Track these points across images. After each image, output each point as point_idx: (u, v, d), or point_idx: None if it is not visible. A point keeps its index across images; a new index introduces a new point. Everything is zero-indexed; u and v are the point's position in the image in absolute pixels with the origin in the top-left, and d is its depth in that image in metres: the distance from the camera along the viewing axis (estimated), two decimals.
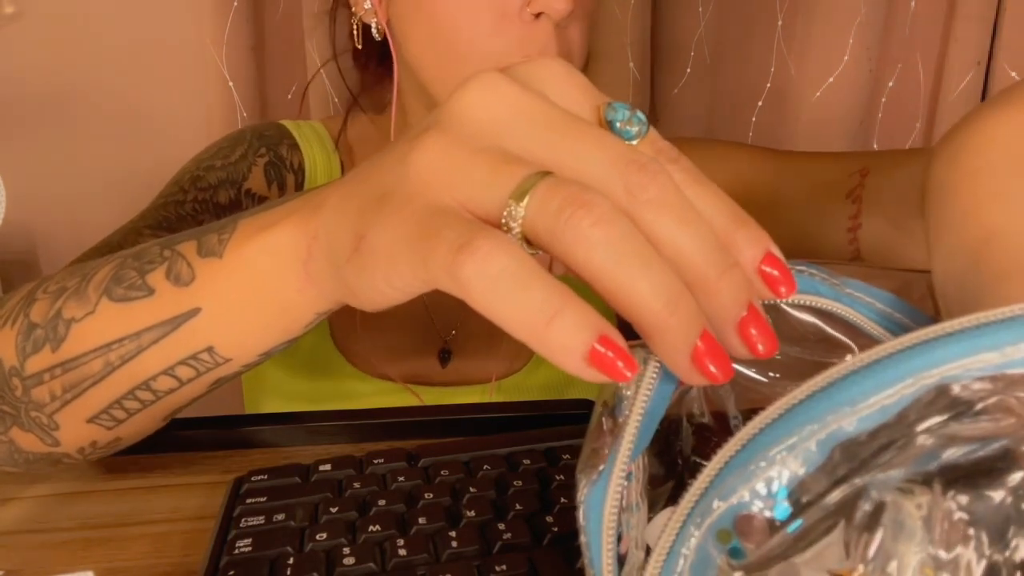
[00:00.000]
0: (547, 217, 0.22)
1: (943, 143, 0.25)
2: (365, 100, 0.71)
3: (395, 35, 0.60)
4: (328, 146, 0.68)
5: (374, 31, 0.61)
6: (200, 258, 0.35)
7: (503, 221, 0.23)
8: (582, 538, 0.23)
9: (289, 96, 0.90)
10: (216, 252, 0.35)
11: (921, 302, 0.26)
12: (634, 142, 0.25)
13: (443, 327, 0.67)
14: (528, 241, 0.23)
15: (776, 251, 0.24)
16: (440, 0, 0.54)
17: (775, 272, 0.24)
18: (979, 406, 0.18)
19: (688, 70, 0.95)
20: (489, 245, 0.21)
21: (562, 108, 0.25)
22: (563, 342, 0.21)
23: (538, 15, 0.52)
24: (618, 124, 0.25)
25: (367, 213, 0.26)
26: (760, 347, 0.23)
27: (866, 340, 0.26)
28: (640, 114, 0.25)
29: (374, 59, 0.67)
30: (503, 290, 0.21)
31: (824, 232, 0.52)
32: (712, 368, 0.22)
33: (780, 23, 0.91)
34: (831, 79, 0.91)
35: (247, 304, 0.34)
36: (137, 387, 0.36)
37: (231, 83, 0.84)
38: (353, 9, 0.61)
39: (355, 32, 0.62)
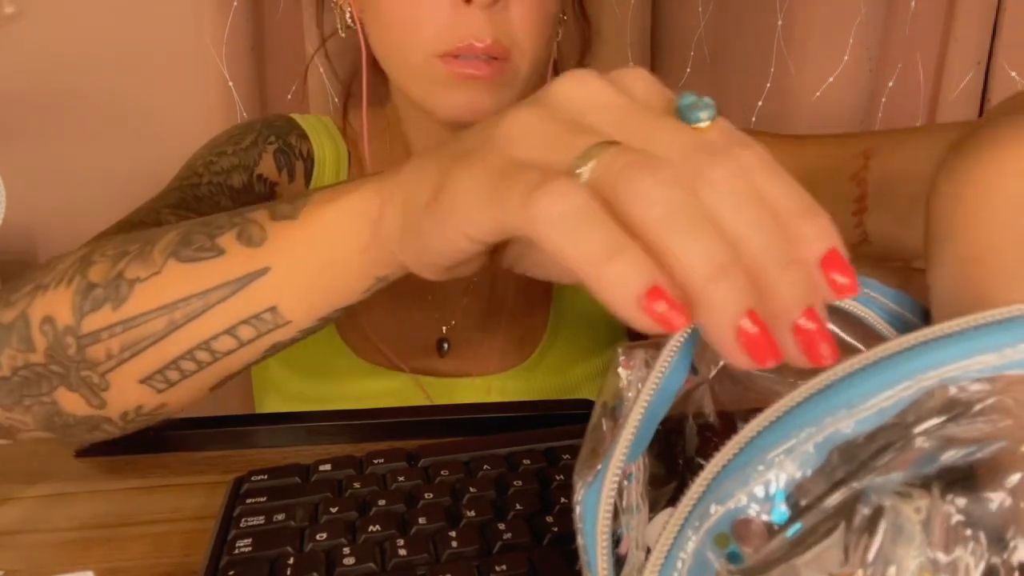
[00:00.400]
0: (612, 174, 0.23)
1: (945, 174, 0.24)
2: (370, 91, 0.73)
3: (363, 21, 0.62)
4: (336, 137, 0.69)
5: (348, 18, 0.63)
6: (273, 221, 0.37)
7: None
8: (579, 540, 0.23)
9: (289, 96, 0.90)
10: (290, 216, 0.37)
11: (919, 294, 0.26)
12: (702, 124, 0.25)
13: (443, 317, 0.68)
14: None
15: (842, 249, 0.23)
16: None
17: (838, 270, 0.23)
18: (977, 407, 0.18)
19: (688, 70, 0.95)
20: (565, 186, 0.23)
21: (641, 103, 0.26)
22: (620, 280, 0.21)
23: (468, 0, 0.53)
24: (686, 108, 0.26)
25: (450, 167, 0.28)
26: (822, 354, 0.21)
27: (876, 341, 0.25)
28: (708, 99, 0.26)
29: None
30: (571, 226, 0.22)
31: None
32: (758, 349, 0.21)
33: (780, 23, 0.91)
34: (831, 79, 0.91)
35: (314, 263, 0.36)
36: (197, 346, 0.37)
37: (231, 83, 0.84)
38: None
39: (338, 20, 0.63)
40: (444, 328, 0.67)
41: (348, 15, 0.62)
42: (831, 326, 0.25)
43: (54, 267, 0.40)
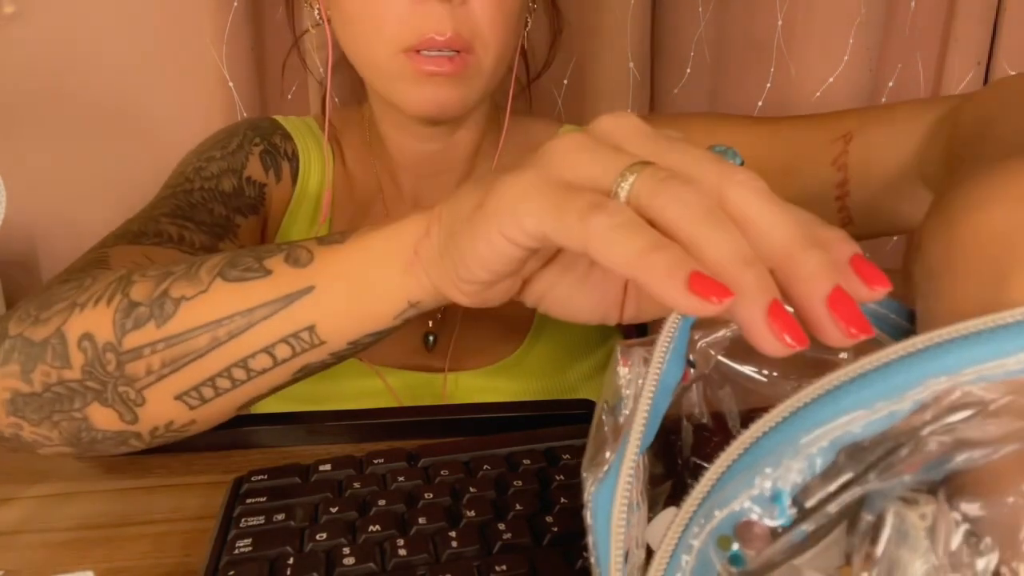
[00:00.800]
0: (651, 184, 0.26)
1: (935, 221, 0.24)
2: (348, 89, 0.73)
3: (330, 19, 0.62)
4: (319, 137, 0.70)
5: (317, 16, 0.63)
6: (320, 246, 0.39)
7: (613, 190, 0.27)
8: (589, 537, 0.23)
9: (289, 96, 0.90)
10: (338, 241, 0.38)
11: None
12: None
13: (429, 311, 0.67)
14: None
15: (863, 255, 0.24)
16: None
17: (866, 269, 0.24)
18: (990, 408, 0.18)
19: (688, 70, 0.95)
20: (617, 205, 0.26)
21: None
22: (667, 267, 0.24)
23: None
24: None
25: (494, 182, 0.30)
26: (853, 328, 0.22)
27: (866, 344, 0.25)
28: (733, 151, 0.31)
29: None
30: (623, 233, 0.25)
31: (811, 202, 0.52)
32: (784, 333, 0.22)
33: (780, 23, 0.91)
34: (831, 79, 0.91)
35: (355, 282, 0.37)
36: (235, 364, 0.38)
37: (231, 83, 0.84)
38: None
39: (308, 19, 0.64)
40: (430, 322, 0.67)
41: (316, 12, 0.63)
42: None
43: (87, 287, 0.41)
